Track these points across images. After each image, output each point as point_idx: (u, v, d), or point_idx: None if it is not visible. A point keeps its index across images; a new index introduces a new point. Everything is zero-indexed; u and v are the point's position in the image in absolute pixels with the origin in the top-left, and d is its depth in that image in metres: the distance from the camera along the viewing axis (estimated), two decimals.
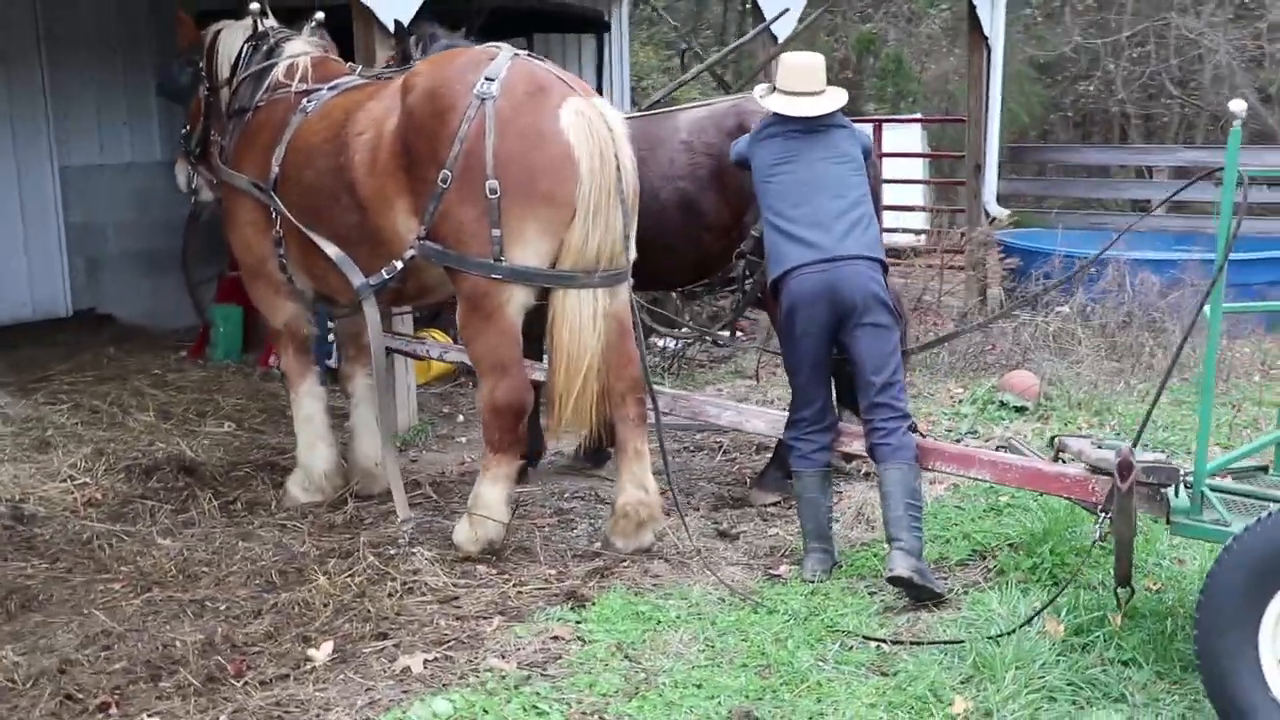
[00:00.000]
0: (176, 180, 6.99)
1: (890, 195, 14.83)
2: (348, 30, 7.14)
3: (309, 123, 5.84)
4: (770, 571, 5.50)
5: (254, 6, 6.36)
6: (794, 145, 5.50)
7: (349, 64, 6.37)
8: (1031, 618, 4.63)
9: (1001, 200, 13.13)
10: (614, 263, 5.37)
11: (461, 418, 8.30)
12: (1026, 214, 13.85)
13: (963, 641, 4.57)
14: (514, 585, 5.26)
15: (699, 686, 4.33)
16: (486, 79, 5.25)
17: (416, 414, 7.93)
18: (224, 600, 5.08)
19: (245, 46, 6.37)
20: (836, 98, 5.56)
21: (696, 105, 6.76)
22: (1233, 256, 4.20)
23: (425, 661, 4.50)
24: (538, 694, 4.26)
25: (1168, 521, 4.46)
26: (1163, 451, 5.34)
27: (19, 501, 6.10)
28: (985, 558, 5.59)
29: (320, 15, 6.54)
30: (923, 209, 15.14)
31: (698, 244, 6.48)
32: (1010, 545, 5.61)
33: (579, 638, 4.74)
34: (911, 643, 4.67)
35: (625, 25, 13.70)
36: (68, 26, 10.56)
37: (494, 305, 5.31)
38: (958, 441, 7.42)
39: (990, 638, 4.54)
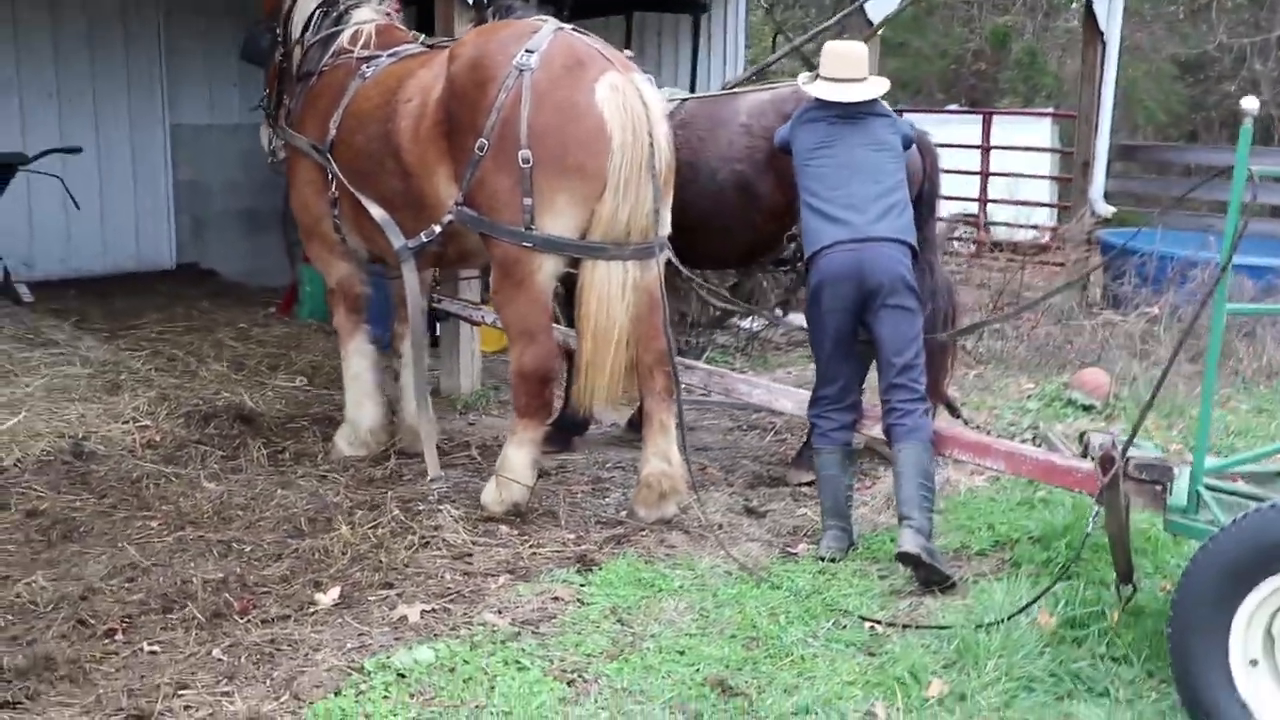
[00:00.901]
0: (261, 141, 7.25)
1: (1011, 189, 14.69)
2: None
3: (365, 89, 6.03)
4: (787, 549, 5.55)
5: None
6: (835, 130, 5.55)
7: (413, 33, 6.53)
8: (1023, 609, 4.60)
9: (1111, 198, 12.87)
10: (645, 236, 5.45)
11: None
12: (1134, 214, 13.57)
13: (950, 627, 4.58)
14: (530, 546, 5.40)
15: (681, 653, 4.42)
16: (527, 51, 5.37)
17: (480, 379, 8.10)
18: (250, 543, 5.31)
19: (316, 12, 6.58)
20: (877, 86, 5.59)
21: (760, 89, 6.78)
22: None
23: (422, 612, 4.66)
24: (523, 649, 4.39)
25: (1165, 519, 4.42)
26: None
27: (82, 439, 6.43)
28: (1006, 549, 5.56)
29: None
30: (1030, 204, 14.83)
31: (752, 226, 6.53)
32: (1032, 539, 5.57)
33: (579, 599, 4.86)
34: (903, 625, 4.69)
35: (740, 8, 13.77)
36: None
37: (525, 272, 5.43)
38: (1012, 437, 7.37)
39: (978, 626, 4.54)
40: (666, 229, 5.70)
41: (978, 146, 14.86)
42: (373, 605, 4.73)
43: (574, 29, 5.62)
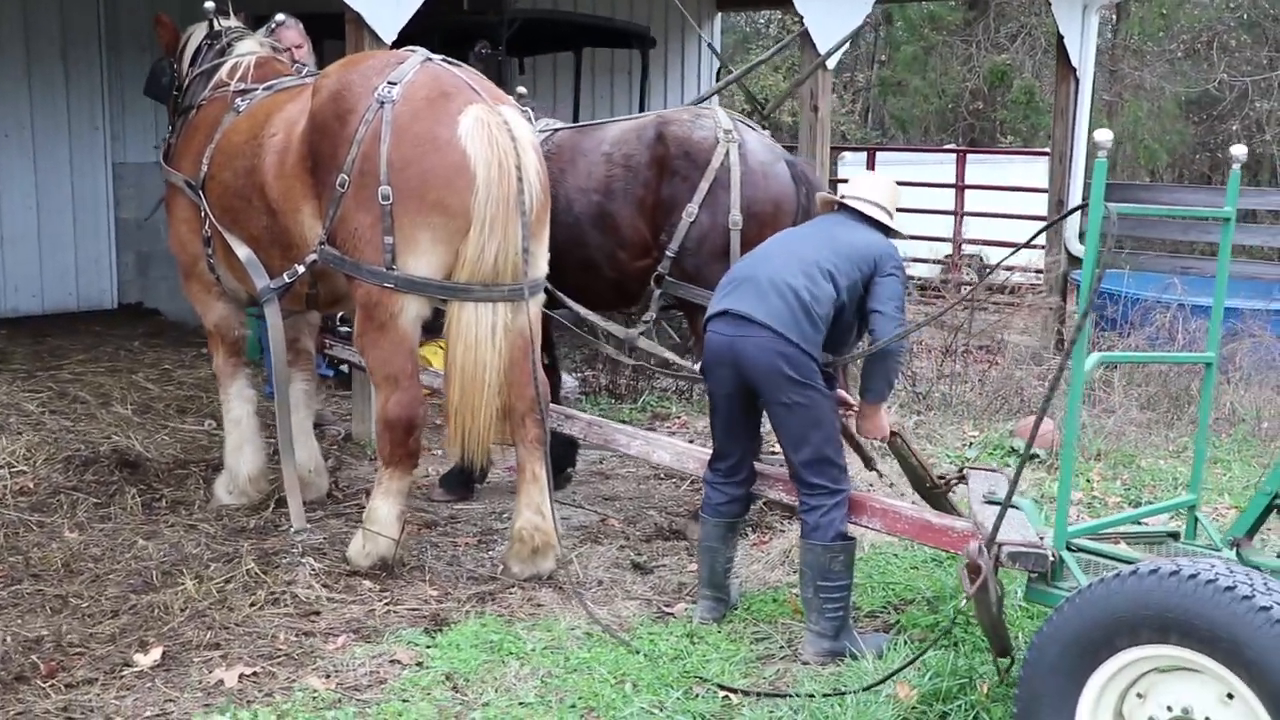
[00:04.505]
0: None
1: (1003, 231, 14.40)
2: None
3: (236, 123, 5.80)
4: (664, 609, 5.24)
5: (208, 5, 6.36)
6: (807, 225, 5.26)
7: (295, 65, 6.30)
8: (880, 681, 4.28)
9: (1084, 239, 12.58)
10: (515, 277, 5.17)
11: None
12: (1110, 255, 13.25)
13: (795, 695, 4.27)
14: (387, 604, 5.11)
15: None
16: (389, 83, 5.13)
17: None
18: (89, 598, 5.03)
19: (203, 45, 6.37)
20: (882, 213, 5.06)
21: (630, 118, 6.48)
22: None
23: (241, 676, 4.36)
24: (337, 718, 4.08)
25: (1026, 586, 4.11)
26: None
27: None
28: (897, 610, 5.25)
29: (280, 16, 6.53)
30: (1000, 244, 14.52)
31: (615, 262, 6.18)
32: (925, 599, 5.26)
33: (418, 663, 4.56)
34: (758, 694, 4.38)
35: (692, 43, 13.57)
36: (129, 24, 10.85)
37: (387, 315, 5.17)
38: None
39: (825, 695, 4.22)
40: (541, 269, 5.43)
41: (952, 185, 14.58)
42: (193, 667, 4.44)
43: (444, 60, 5.38)
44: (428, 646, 4.69)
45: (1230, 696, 3.21)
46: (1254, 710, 3.10)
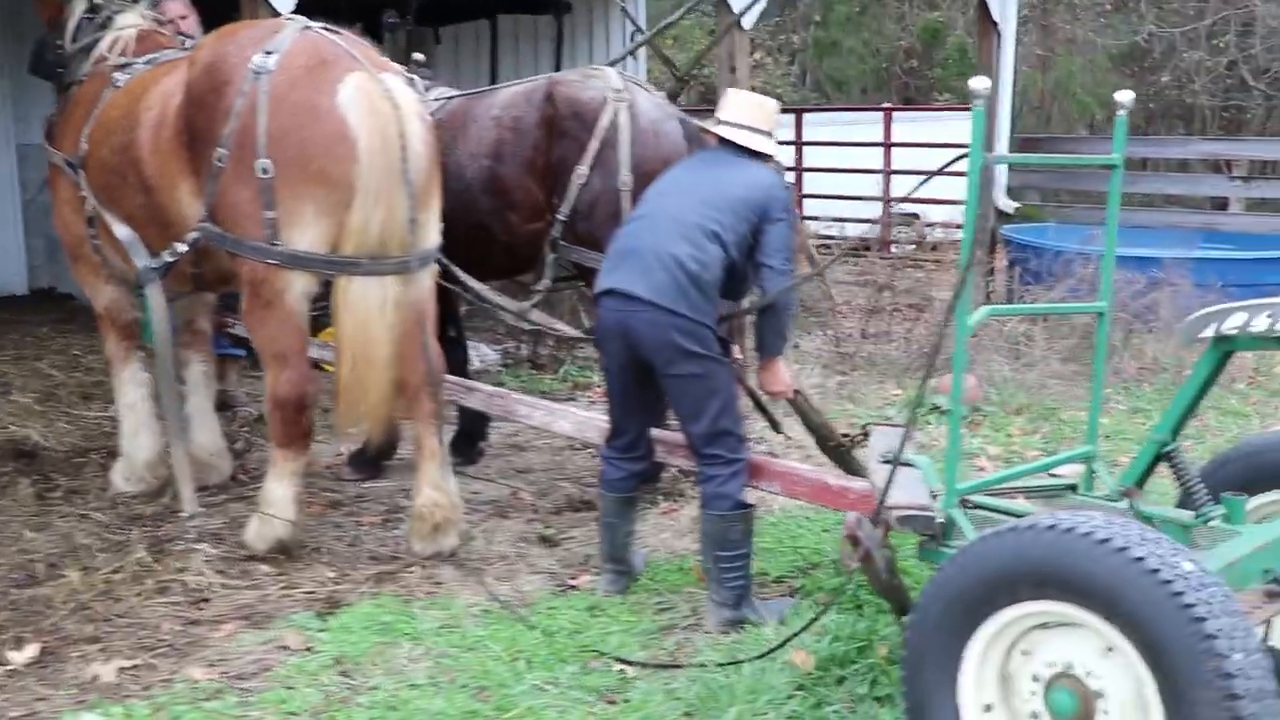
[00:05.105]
0: None
1: (935, 188, 14.26)
2: None
3: (114, 99, 5.61)
4: (568, 582, 5.14)
5: None
6: (686, 171, 4.94)
7: (179, 38, 6.11)
8: (777, 648, 4.19)
9: (1014, 193, 12.56)
10: (404, 249, 5.03)
11: None
12: (1037, 209, 13.24)
13: (684, 666, 4.20)
14: (282, 588, 4.98)
15: (393, 709, 3.99)
16: (266, 52, 4.96)
17: None
18: None
19: (83, 19, 6.16)
20: (768, 143, 4.89)
21: (521, 82, 6.33)
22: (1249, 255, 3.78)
23: (120, 669, 4.23)
24: (216, 710, 3.96)
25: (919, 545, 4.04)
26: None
27: None
28: (805, 574, 5.17)
29: None
30: (927, 201, 14.49)
31: (508, 227, 6.03)
32: (832, 561, 5.19)
33: (307, 647, 4.44)
34: (654, 666, 4.29)
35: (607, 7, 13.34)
36: (29, 3, 10.54)
37: (273, 292, 5.01)
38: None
39: (720, 665, 4.14)
40: (431, 240, 5.29)
41: (880, 144, 14.51)
42: (70, 663, 4.29)
43: (324, 27, 5.21)
44: (319, 630, 4.57)
45: (1110, 650, 3.14)
46: (1132, 662, 3.03)
